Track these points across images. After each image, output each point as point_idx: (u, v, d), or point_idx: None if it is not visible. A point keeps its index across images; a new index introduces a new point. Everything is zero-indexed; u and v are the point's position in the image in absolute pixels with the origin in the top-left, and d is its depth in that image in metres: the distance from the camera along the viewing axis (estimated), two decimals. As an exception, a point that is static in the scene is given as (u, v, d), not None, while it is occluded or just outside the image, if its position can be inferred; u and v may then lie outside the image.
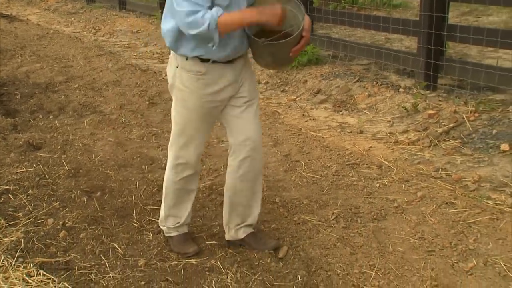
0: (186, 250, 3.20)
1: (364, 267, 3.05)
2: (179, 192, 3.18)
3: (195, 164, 3.10)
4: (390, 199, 3.75)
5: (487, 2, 5.20)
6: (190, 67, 2.82)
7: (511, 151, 4.15)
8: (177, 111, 3.00)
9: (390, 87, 5.66)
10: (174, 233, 3.27)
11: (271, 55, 2.87)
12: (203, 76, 2.83)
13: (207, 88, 2.86)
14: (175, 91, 2.97)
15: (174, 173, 3.12)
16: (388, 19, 6.22)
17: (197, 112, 2.92)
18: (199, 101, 2.89)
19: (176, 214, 3.23)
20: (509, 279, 2.87)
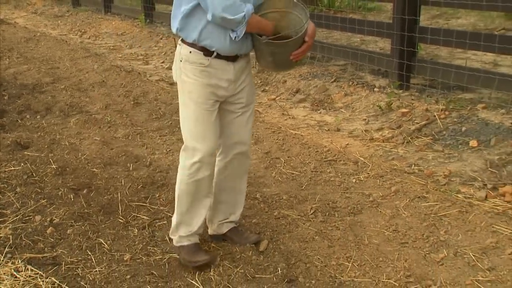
0: (198, 258, 2.97)
1: (341, 259, 3.06)
2: (193, 195, 2.95)
3: (210, 162, 2.92)
4: (366, 193, 3.77)
5: (456, 6, 5.23)
6: (194, 60, 2.78)
7: (479, 147, 4.19)
8: (185, 106, 2.88)
9: (366, 87, 5.68)
10: (186, 242, 3.03)
11: (271, 55, 2.82)
12: (206, 68, 2.78)
13: (210, 79, 2.79)
14: (180, 86, 2.88)
15: (188, 174, 2.90)
16: (363, 21, 6.25)
17: (204, 103, 2.82)
18: (204, 92, 2.80)
19: (189, 221, 3.01)
20: (477, 268, 2.90)
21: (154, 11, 10.28)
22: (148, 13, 10.20)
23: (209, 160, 2.89)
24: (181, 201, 2.99)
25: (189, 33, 2.74)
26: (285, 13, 2.82)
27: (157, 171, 4.28)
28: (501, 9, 5.08)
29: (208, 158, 2.87)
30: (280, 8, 2.82)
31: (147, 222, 3.54)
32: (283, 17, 2.82)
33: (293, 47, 2.75)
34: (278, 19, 2.81)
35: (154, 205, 3.76)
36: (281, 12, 2.82)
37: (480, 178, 3.82)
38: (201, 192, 2.96)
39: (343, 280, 2.88)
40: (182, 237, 3.03)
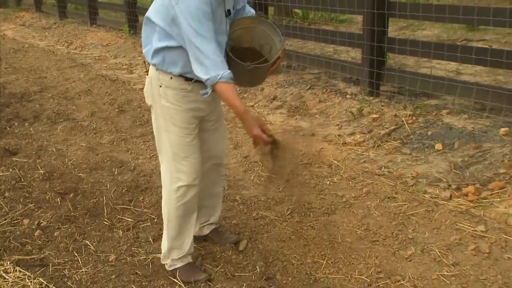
0: (197, 278, 2.88)
1: (316, 257, 3.07)
2: (182, 218, 2.85)
3: (196, 183, 2.81)
4: (339, 195, 3.79)
5: (421, 18, 5.28)
6: (176, 85, 2.65)
7: (444, 150, 4.23)
8: (167, 131, 2.74)
9: (338, 94, 5.70)
10: (179, 264, 2.94)
11: (250, 75, 2.74)
12: (188, 93, 2.67)
13: (191, 103, 2.69)
14: (160, 111, 2.73)
15: (175, 198, 2.80)
16: (336, 32, 6.28)
17: (187, 128, 2.72)
18: (186, 116, 2.70)
19: (180, 245, 2.91)
20: (443, 264, 2.93)
21: (137, 23, 10.21)
22: (131, 25, 10.15)
23: (194, 181, 2.80)
24: (170, 225, 2.87)
25: (168, 66, 2.63)
26: (250, 28, 2.77)
27: (141, 175, 4.26)
28: (462, 21, 5.15)
29: (194, 179, 2.79)
30: (246, 25, 2.77)
31: (131, 224, 3.53)
32: (247, 32, 2.78)
33: (271, 66, 2.74)
34: (243, 33, 2.77)
35: (138, 207, 3.75)
36: (246, 28, 2.77)
37: (445, 179, 3.86)
38: (189, 213, 2.87)
39: (318, 277, 2.90)
40: (174, 259, 2.93)
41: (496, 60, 4.43)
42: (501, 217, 3.32)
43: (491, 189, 3.62)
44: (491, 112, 4.54)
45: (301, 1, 6.83)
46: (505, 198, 3.52)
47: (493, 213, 3.38)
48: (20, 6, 15.91)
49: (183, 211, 2.83)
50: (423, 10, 5.07)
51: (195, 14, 2.41)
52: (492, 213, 3.39)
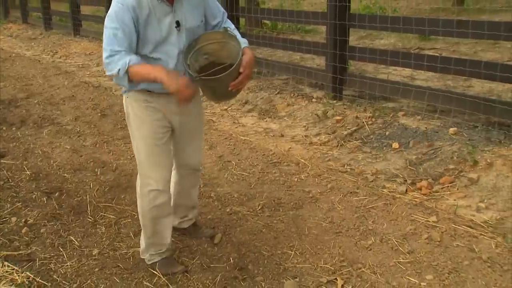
0: (175, 270, 2.83)
1: (285, 248, 3.07)
2: (156, 219, 2.76)
3: (166, 188, 2.73)
4: (306, 191, 3.80)
5: (378, 28, 5.33)
6: (138, 97, 2.57)
7: (400, 149, 4.28)
8: (136, 139, 2.68)
9: (305, 98, 5.72)
10: (157, 258, 2.87)
11: (210, 88, 2.57)
12: (149, 104, 2.58)
13: (156, 114, 2.59)
14: (130, 121, 2.67)
15: (147, 200, 2.72)
16: (302, 42, 6.31)
17: (153, 137, 2.62)
18: (151, 127, 2.61)
19: (157, 242, 2.84)
20: (399, 252, 2.96)
21: (118, 33, 10.11)
22: (113, 35, 10.04)
23: (164, 187, 2.71)
24: (145, 226, 2.82)
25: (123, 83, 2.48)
26: (224, 44, 2.59)
27: (122, 175, 4.21)
28: (415, 32, 5.22)
29: (163, 185, 2.70)
30: (218, 39, 2.59)
31: (113, 220, 3.48)
32: (223, 47, 2.59)
33: (228, 80, 2.44)
34: (218, 49, 2.59)
35: (119, 205, 3.70)
36: (220, 42, 2.59)
37: (401, 175, 3.91)
38: (163, 215, 2.78)
39: (287, 266, 2.90)
40: (152, 254, 2.88)
41: (445, 66, 4.51)
42: (450, 209, 3.39)
43: (442, 183, 3.68)
44: (442, 113, 4.61)
45: (270, 13, 6.85)
46: (454, 191, 3.58)
47: (444, 205, 3.44)
48: (7, 18, 15.65)
49: (156, 213, 2.75)
50: (380, 21, 5.12)
51: (110, 15, 2.39)
52: (443, 205, 3.45)
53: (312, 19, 6.08)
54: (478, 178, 3.62)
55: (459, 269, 2.76)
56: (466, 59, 4.53)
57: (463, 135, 4.19)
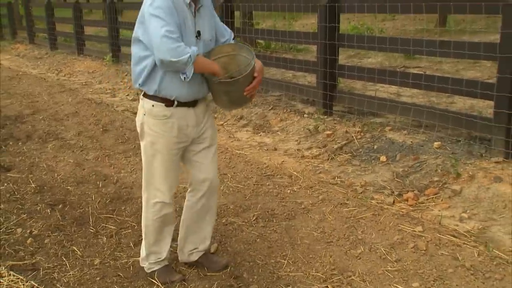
0: (173, 278, 2.80)
1: (278, 257, 3.06)
2: (159, 229, 2.75)
3: (171, 201, 2.72)
4: (299, 202, 3.79)
5: (366, 48, 5.38)
6: (157, 113, 2.55)
7: (387, 162, 4.29)
8: (148, 154, 2.64)
9: (297, 113, 5.74)
10: (156, 267, 2.84)
11: (226, 94, 2.58)
12: (168, 120, 2.55)
13: (173, 130, 2.57)
14: (144, 136, 2.63)
15: (152, 212, 2.71)
16: (294, 60, 6.36)
17: (167, 153, 2.60)
18: (167, 143, 2.58)
19: (157, 250, 2.82)
20: (387, 260, 2.96)
21: (120, 52, 10.15)
22: (114, 54, 10.08)
23: (170, 199, 2.70)
24: (148, 235, 2.79)
25: (150, 86, 2.53)
26: (233, 56, 2.65)
27: (123, 187, 4.19)
28: (401, 51, 5.27)
29: (169, 198, 2.69)
30: (228, 52, 2.64)
31: (114, 231, 3.46)
32: (232, 60, 2.64)
33: (244, 84, 2.52)
34: (228, 62, 2.63)
35: (120, 216, 3.68)
36: (230, 55, 2.64)
37: (389, 187, 3.92)
38: (166, 225, 2.78)
39: (280, 275, 2.88)
40: (152, 263, 2.84)
41: (429, 84, 4.54)
42: (435, 219, 3.39)
43: (427, 194, 3.69)
44: (426, 128, 4.64)
45: (263, 33, 6.90)
46: (439, 202, 3.59)
47: (429, 216, 3.45)
48: (15, 39, 15.72)
49: (159, 223, 2.74)
50: (368, 41, 5.17)
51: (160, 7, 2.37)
52: (428, 215, 3.45)
53: (304, 39, 6.13)
54: (461, 189, 3.63)
55: (444, 277, 2.76)
56: (449, 77, 4.57)
57: (446, 149, 4.21)
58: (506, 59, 3.79)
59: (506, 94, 3.81)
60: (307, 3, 5.97)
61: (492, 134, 3.98)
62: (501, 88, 3.85)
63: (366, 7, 5.20)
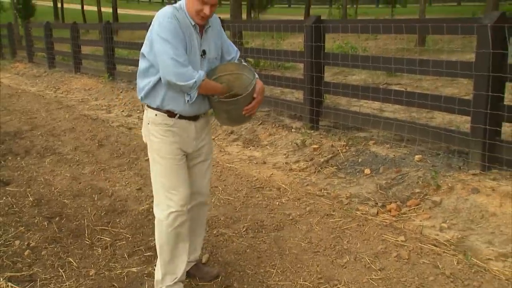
0: None
1: (268, 267, 3.05)
2: (174, 244, 2.60)
3: (184, 209, 2.58)
4: (287, 213, 3.78)
5: (350, 66, 5.43)
6: (159, 121, 2.53)
7: (371, 174, 4.31)
8: (156, 162, 2.59)
9: (285, 128, 5.76)
10: None
11: (226, 112, 2.57)
12: (170, 128, 2.53)
13: (175, 137, 2.54)
14: (150, 145, 2.59)
15: (166, 224, 2.57)
16: (282, 77, 6.38)
17: (173, 158, 2.55)
18: (170, 148, 2.54)
19: (173, 270, 2.65)
20: (371, 269, 2.96)
21: (115, 70, 10.16)
22: (110, 72, 10.09)
23: (183, 208, 2.58)
24: (163, 251, 2.63)
25: (153, 100, 2.52)
26: (237, 75, 2.62)
27: (118, 200, 4.16)
28: (383, 69, 5.33)
29: (182, 206, 2.57)
30: (232, 71, 2.62)
31: (109, 242, 3.43)
32: (236, 79, 2.62)
33: (244, 104, 2.50)
34: (232, 80, 2.61)
35: (115, 228, 3.65)
36: (234, 74, 2.62)
37: (373, 198, 3.92)
38: (181, 239, 2.62)
39: (269, 284, 2.87)
40: (169, 286, 2.67)
41: (410, 100, 4.59)
42: (417, 229, 3.40)
43: (409, 205, 3.71)
44: (408, 142, 4.67)
45: (253, 52, 6.94)
46: (420, 213, 3.61)
47: (411, 226, 3.46)
48: (15, 58, 15.73)
49: (174, 236, 2.59)
50: (352, 59, 5.22)
51: (168, 30, 2.36)
52: (410, 225, 3.46)
53: (291, 57, 6.18)
54: (441, 200, 3.66)
55: (425, 285, 2.77)
56: (428, 94, 4.62)
57: (427, 161, 4.24)
58: (481, 77, 3.85)
59: (482, 110, 3.86)
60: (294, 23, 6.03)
61: (469, 147, 4.02)
62: (477, 104, 3.90)
63: (349, 27, 5.27)
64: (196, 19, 2.45)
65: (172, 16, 2.40)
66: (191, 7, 2.44)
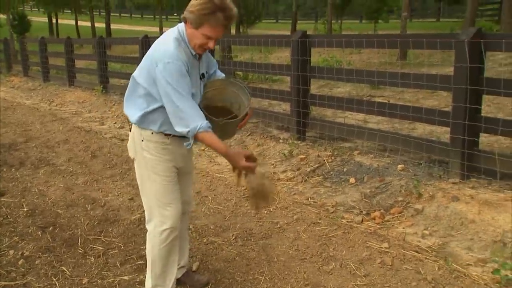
0: None
1: (256, 274, 3.04)
2: (166, 258, 2.59)
3: (178, 225, 2.56)
4: (275, 222, 3.78)
5: (335, 79, 5.47)
6: (157, 139, 2.45)
7: (356, 183, 4.32)
8: (151, 181, 2.51)
9: (273, 139, 5.76)
10: None
11: (222, 130, 2.54)
12: (167, 146, 2.47)
13: (170, 155, 2.49)
14: (143, 162, 2.50)
15: (159, 240, 2.53)
16: (270, 90, 6.40)
17: (168, 176, 2.50)
18: (166, 166, 2.49)
19: (164, 282, 2.62)
20: (356, 275, 2.96)
21: (108, 84, 10.13)
22: (103, 85, 10.06)
23: (177, 223, 2.55)
24: (155, 265, 2.60)
25: (149, 124, 2.44)
26: (221, 89, 2.61)
27: (110, 210, 4.13)
28: (366, 82, 5.38)
29: (176, 222, 2.54)
30: (217, 87, 2.61)
31: (101, 251, 3.39)
32: (220, 93, 2.61)
33: (240, 121, 2.57)
34: (216, 94, 2.61)
35: (107, 237, 3.62)
36: (218, 89, 2.61)
37: (358, 207, 3.93)
38: (172, 253, 2.61)
39: (258, 290, 2.87)
40: None
41: (392, 112, 4.63)
42: (400, 236, 3.41)
43: (392, 213, 3.72)
44: (391, 152, 4.69)
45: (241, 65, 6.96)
46: (403, 220, 3.62)
47: (394, 233, 3.47)
48: (10, 72, 15.65)
49: (166, 252, 2.57)
50: (337, 73, 5.26)
51: (173, 73, 2.26)
52: (394, 232, 3.47)
53: (278, 70, 6.21)
54: (423, 208, 3.68)
55: (409, 290, 2.78)
56: (410, 106, 4.66)
57: (409, 171, 4.27)
58: (459, 90, 3.90)
59: (461, 121, 3.90)
60: (281, 38, 6.07)
61: (449, 157, 4.06)
62: (456, 116, 3.95)
63: (334, 42, 5.32)
64: (198, 51, 2.38)
65: (177, 58, 2.29)
66: (194, 41, 2.33)
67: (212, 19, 2.25)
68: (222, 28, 2.30)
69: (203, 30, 2.28)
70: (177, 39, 2.35)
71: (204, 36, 2.30)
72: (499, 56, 9.91)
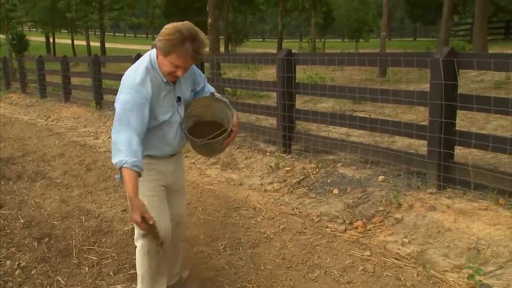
0: None
1: (244, 282, 3.01)
2: (155, 270, 2.54)
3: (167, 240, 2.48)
4: (262, 231, 3.77)
5: (319, 95, 5.50)
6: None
7: (340, 194, 4.33)
8: None
9: (260, 152, 5.76)
10: None
11: (207, 148, 2.54)
12: (154, 166, 2.43)
13: (157, 175, 2.46)
14: None
15: (148, 258, 2.49)
16: (257, 105, 6.42)
17: (154, 195, 2.46)
18: (152, 185, 2.45)
19: None
20: (340, 282, 2.96)
21: (102, 100, 10.08)
22: (98, 101, 10.02)
23: (166, 239, 2.47)
24: (144, 280, 2.55)
25: None
26: (208, 106, 2.58)
27: (104, 221, 4.08)
28: (348, 97, 5.42)
29: (164, 238, 2.43)
30: (205, 103, 2.57)
31: (95, 261, 3.35)
32: (207, 109, 2.58)
33: (225, 138, 2.50)
34: (204, 111, 2.57)
35: (101, 247, 3.57)
36: (205, 105, 2.57)
37: (341, 216, 3.94)
38: (161, 268, 2.58)
39: (246, 298, 2.84)
40: None
41: (373, 126, 4.67)
42: (381, 244, 3.42)
43: (374, 222, 3.73)
44: (372, 164, 4.72)
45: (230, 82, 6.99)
46: (384, 229, 3.63)
47: (376, 241, 3.47)
48: (9, 89, 15.58)
49: (155, 267, 2.54)
50: (320, 89, 5.30)
51: (127, 104, 2.22)
52: (375, 241, 3.48)
53: (265, 86, 6.23)
54: (402, 217, 3.69)
55: (390, 296, 2.77)
56: (389, 120, 4.70)
57: (389, 182, 4.30)
58: (435, 105, 3.95)
59: (437, 135, 3.95)
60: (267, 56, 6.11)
61: (426, 169, 4.09)
62: (432, 130, 3.99)
63: (317, 60, 5.37)
64: (168, 78, 2.32)
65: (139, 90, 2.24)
66: (163, 68, 2.28)
67: (179, 49, 2.19)
68: (190, 59, 2.23)
69: (171, 59, 2.23)
70: (147, 68, 2.31)
71: (172, 64, 2.25)
72: (472, 74, 10.09)
